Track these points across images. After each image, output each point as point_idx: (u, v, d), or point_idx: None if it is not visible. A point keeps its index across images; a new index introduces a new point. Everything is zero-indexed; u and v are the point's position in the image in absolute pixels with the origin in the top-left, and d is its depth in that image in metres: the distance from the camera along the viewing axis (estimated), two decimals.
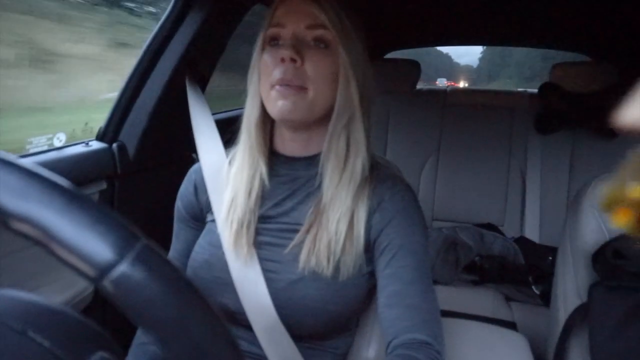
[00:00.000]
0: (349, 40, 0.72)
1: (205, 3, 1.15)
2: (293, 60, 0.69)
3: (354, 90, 0.72)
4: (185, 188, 0.85)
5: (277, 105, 0.70)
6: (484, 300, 1.57)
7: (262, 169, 0.76)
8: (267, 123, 0.78)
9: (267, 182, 0.76)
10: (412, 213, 0.75)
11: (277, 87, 0.70)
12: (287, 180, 0.78)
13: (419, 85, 2.41)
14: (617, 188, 0.20)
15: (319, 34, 0.71)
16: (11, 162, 0.26)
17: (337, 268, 0.71)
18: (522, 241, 1.86)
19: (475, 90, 2.77)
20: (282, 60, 0.69)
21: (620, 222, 0.20)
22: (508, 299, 1.62)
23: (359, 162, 0.73)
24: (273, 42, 0.73)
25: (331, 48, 0.71)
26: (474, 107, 2.18)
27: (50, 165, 0.97)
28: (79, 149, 1.08)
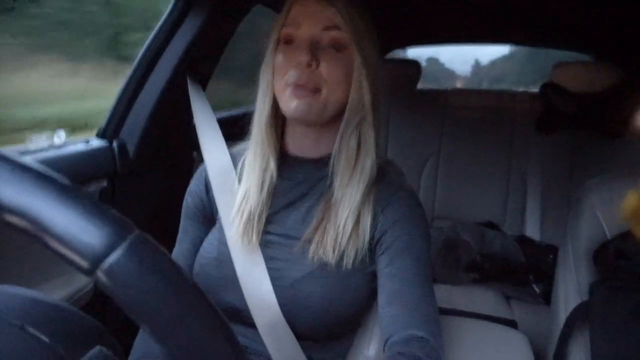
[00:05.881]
0: (362, 42, 0.72)
1: (206, 3, 1.15)
2: (309, 65, 0.70)
3: (365, 92, 0.73)
4: (196, 186, 0.85)
5: (291, 106, 0.71)
6: (484, 298, 1.57)
7: (272, 164, 0.77)
8: (278, 120, 0.78)
9: (275, 177, 0.77)
10: (415, 217, 0.76)
11: (291, 88, 0.71)
12: (298, 182, 0.79)
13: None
14: None
15: (334, 36, 0.71)
16: (2, 155, 0.25)
17: (341, 258, 0.72)
18: (522, 240, 1.86)
19: (476, 91, 2.77)
20: (299, 64, 0.70)
21: None
22: (508, 297, 1.62)
23: (368, 162, 0.74)
24: (288, 41, 0.73)
25: (345, 50, 0.72)
26: (474, 108, 2.18)
27: (51, 163, 0.97)
28: (79, 146, 1.08)
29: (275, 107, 0.76)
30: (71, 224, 0.24)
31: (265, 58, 0.76)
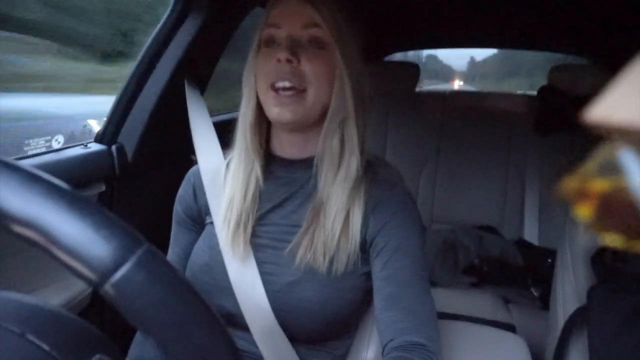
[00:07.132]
0: (343, 40, 0.72)
1: (204, 6, 1.15)
2: (289, 61, 0.69)
3: (348, 90, 0.72)
4: (185, 191, 0.85)
5: (274, 111, 0.71)
6: (482, 302, 1.57)
7: (257, 169, 0.76)
8: (262, 124, 0.78)
9: (261, 181, 0.77)
10: (408, 216, 0.75)
11: (274, 92, 0.70)
12: (285, 183, 0.78)
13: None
14: (582, 180, 0.21)
15: (314, 33, 0.71)
16: (13, 165, 0.25)
17: (331, 263, 0.71)
18: (521, 243, 1.86)
19: (474, 93, 2.78)
20: (279, 60, 0.69)
21: (581, 214, 0.21)
22: (507, 301, 1.62)
23: (353, 161, 0.73)
24: (269, 43, 0.73)
25: (326, 49, 0.72)
26: (473, 110, 2.18)
27: (49, 167, 0.97)
28: (78, 150, 1.08)
29: (259, 111, 0.75)
30: (81, 237, 0.24)
31: (247, 62, 0.76)
